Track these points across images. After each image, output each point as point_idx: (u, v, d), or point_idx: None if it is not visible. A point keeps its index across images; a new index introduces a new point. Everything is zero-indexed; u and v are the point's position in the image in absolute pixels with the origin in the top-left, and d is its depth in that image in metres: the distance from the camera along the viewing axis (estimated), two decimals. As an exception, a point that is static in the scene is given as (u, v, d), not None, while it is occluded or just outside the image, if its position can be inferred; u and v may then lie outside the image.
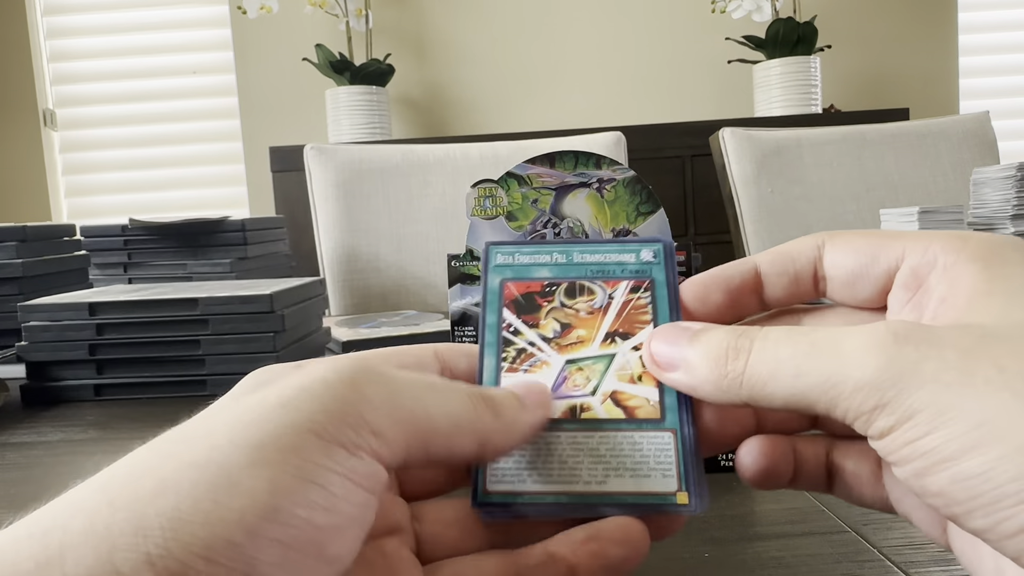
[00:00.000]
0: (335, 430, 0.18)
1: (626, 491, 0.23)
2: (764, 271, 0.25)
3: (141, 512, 0.16)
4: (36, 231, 0.90)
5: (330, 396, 0.19)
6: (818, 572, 0.29)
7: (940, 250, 0.22)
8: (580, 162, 0.40)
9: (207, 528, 0.16)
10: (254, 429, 0.18)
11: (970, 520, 0.18)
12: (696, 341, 0.23)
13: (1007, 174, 1.05)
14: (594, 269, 0.26)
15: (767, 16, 2.11)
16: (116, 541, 0.16)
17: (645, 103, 2.37)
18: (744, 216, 1.41)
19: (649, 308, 0.25)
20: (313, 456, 0.18)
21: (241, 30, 2.35)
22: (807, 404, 0.21)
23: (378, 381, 0.20)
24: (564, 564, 0.22)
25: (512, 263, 0.26)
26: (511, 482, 0.23)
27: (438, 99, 2.38)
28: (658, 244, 0.26)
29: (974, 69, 2.41)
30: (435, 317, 0.91)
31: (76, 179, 2.44)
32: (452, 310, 0.45)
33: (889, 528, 0.33)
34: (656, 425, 0.23)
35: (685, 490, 0.22)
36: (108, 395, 0.67)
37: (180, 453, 0.18)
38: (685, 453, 0.23)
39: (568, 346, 0.25)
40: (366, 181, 1.34)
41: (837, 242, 0.24)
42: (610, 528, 0.22)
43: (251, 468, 0.17)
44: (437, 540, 0.24)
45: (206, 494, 0.16)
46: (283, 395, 0.19)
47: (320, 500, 0.17)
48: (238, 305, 0.66)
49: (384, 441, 0.19)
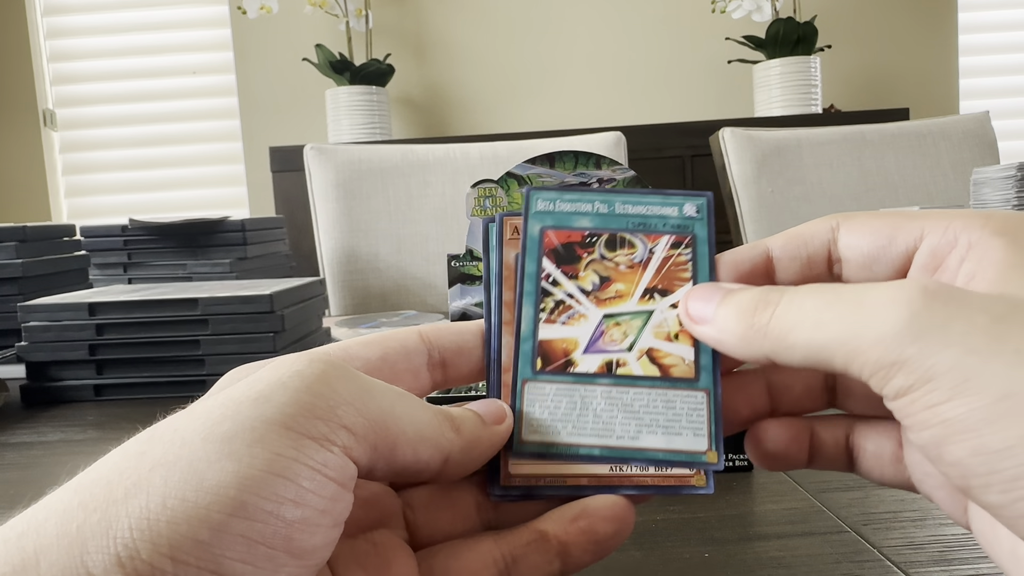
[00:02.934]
0: (306, 422, 0.18)
1: (657, 447, 0.23)
2: (776, 255, 0.25)
3: (112, 514, 0.16)
4: (36, 231, 0.90)
5: (302, 389, 0.19)
6: (818, 572, 0.29)
7: (961, 228, 0.21)
8: (580, 162, 0.40)
9: (172, 527, 0.16)
10: (226, 424, 0.18)
11: (986, 494, 0.17)
12: (729, 298, 0.23)
13: (1007, 174, 1.05)
14: (635, 221, 0.25)
15: (767, 16, 2.11)
16: (87, 543, 0.16)
17: (645, 103, 2.37)
18: (744, 216, 1.41)
19: (689, 266, 0.25)
20: (282, 449, 0.18)
21: (241, 30, 2.35)
22: (826, 358, 0.20)
23: (350, 378, 0.20)
24: (556, 541, 0.22)
25: (553, 210, 0.26)
26: (546, 432, 0.23)
27: (438, 99, 2.38)
28: (702, 198, 0.26)
29: (974, 69, 2.41)
30: (435, 317, 0.91)
31: (76, 179, 2.43)
32: (452, 310, 0.45)
33: (889, 528, 0.33)
34: (690, 384, 0.23)
35: (715, 449, 0.23)
36: (108, 395, 0.67)
37: (151, 452, 0.18)
38: (717, 413, 0.23)
39: (606, 300, 0.25)
40: (366, 181, 1.34)
41: (852, 224, 0.24)
42: (598, 505, 0.22)
43: (219, 463, 0.17)
44: (429, 525, 0.24)
45: (174, 492, 0.16)
46: (254, 388, 0.19)
47: (288, 494, 0.17)
48: (238, 305, 0.66)
49: (355, 438, 0.19)
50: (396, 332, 0.24)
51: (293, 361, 0.20)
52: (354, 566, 0.21)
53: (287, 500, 0.17)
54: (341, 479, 0.18)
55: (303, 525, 0.17)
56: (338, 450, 0.18)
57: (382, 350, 0.23)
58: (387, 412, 0.20)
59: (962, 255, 0.21)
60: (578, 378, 0.24)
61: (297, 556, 0.17)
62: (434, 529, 0.24)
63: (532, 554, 0.22)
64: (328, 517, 0.18)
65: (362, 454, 0.19)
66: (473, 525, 0.24)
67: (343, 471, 0.19)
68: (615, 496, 0.23)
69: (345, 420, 0.19)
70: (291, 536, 0.17)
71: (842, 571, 0.29)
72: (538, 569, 0.22)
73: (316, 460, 0.18)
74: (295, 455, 0.18)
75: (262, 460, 0.17)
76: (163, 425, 0.19)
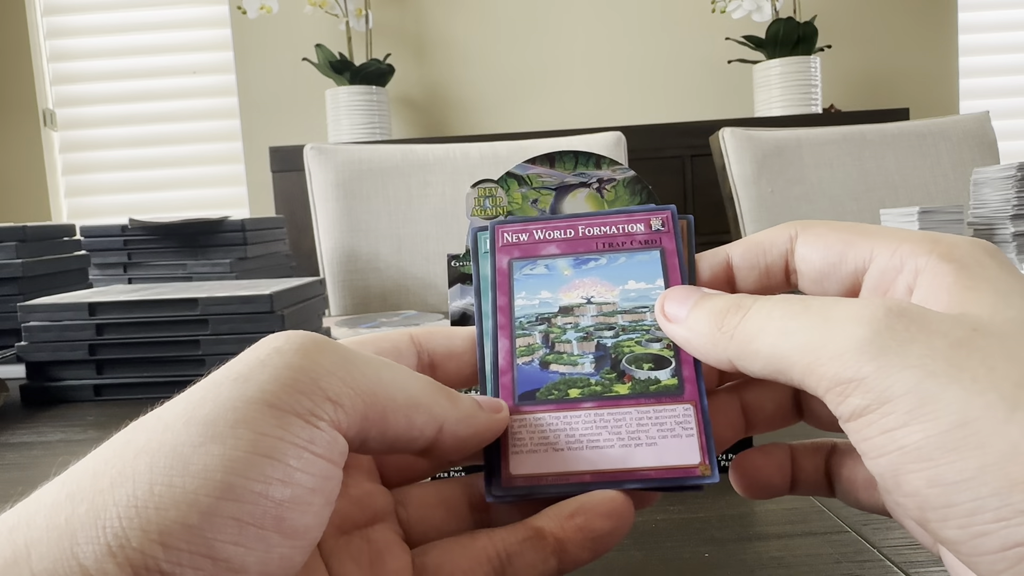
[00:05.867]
0: (289, 399, 0.18)
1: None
2: (736, 263, 0.25)
3: (100, 503, 0.16)
4: (36, 231, 0.90)
5: (283, 365, 0.19)
6: (818, 572, 0.29)
7: (908, 253, 0.21)
8: (580, 162, 0.40)
9: (161, 513, 0.16)
10: (207, 406, 0.18)
11: (944, 529, 0.17)
12: (703, 301, 0.23)
13: (1007, 174, 1.05)
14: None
15: (767, 16, 2.11)
16: (76, 534, 0.16)
17: (645, 103, 2.37)
18: (744, 216, 1.41)
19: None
20: (266, 428, 0.17)
21: (241, 30, 2.35)
22: (786, 368, 0.20)
23: (332, 349, 0.20)
24: (552, 538, 0.22)
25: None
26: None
27: (438, 99, 2.38)
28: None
29: (974, 69, 2.41)
30: (435, 317, 0.91)
31: (76, 179, 2.43)
32: (452, 310, 0.45)
33: (889, 528, 0.33)
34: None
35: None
36: (108, 395, 0.67)
37: (135, 440, 0.17)
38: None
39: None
40: (366, 181, 1.34)
41: (809, 235, 0.24)
42: (596, 501, 0.22)
43: (203, 446, 0.17)
44: (423, 523, 0.24)
45: (161, 478, 0.16)
46: (234, 369, 0.19)
47: (276, 474, 0.17)
48: (238, 305, 0.66)
49: (342, 410, 0.19)
50: (388, 334, 0.24)
51: (272, 339, 0.20)
52: (347, 561, 0.21)
53: (275, 480, 0.17)
54: (330, 455, 0.18)
55: (293, 504, 0.17)
56: (325, 425, 0.18)
57: (374, 349, 0.24)
58: (373, 380, 0.20)
59: (909, 281, 0.21)
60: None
61: (289, 536, 0.17)
62: (428, 527, 0.23)
63: (528, 551, 0.22)
64: (319, 495, 0.18)
65: (351, 425, 0.19)
66: (467, 524, 0.24)
67: (331, 447, 0.18)
68: (613, 492, 0.22)
69: (330, 392, 0.19)
70: (281, 516, 0.17)
71: (842, 571, 0.29)
72: (534, 567, 0.22)
73: (302, 438, 0.18)
74: (280, 434, 0.17)
75: (246, 441, 0.17)
76: (148, 416, 0.19)
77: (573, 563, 0.22)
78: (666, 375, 0.24)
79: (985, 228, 1.07)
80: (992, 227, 1.07)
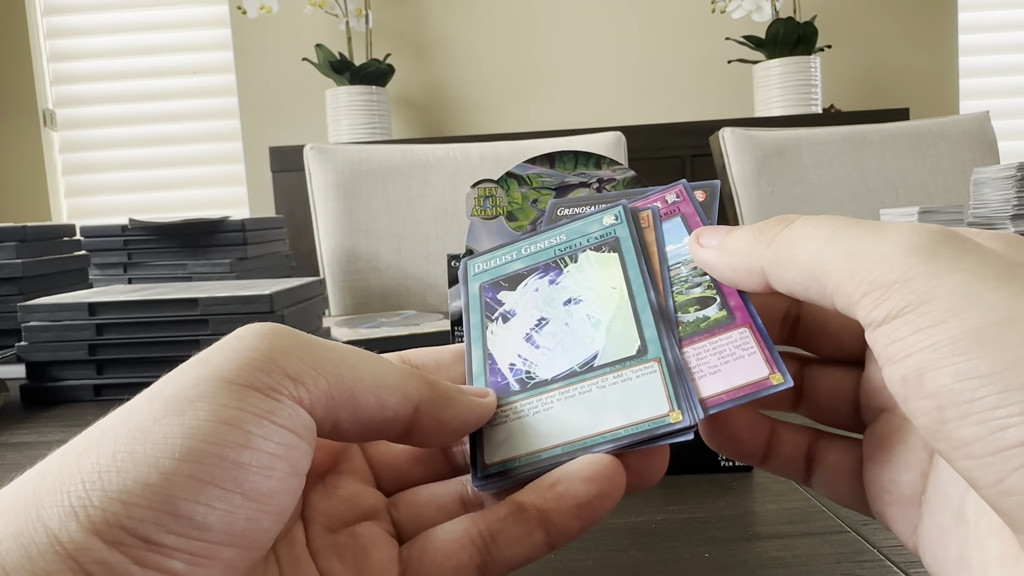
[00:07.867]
0: (247, 375, 0.19)
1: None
2: None
3: (66, 474, 0.17)
4: (36, 231, 0.90)
5: (241, 348, 0.19)
6: (818, 572, 0.29)
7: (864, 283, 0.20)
8: (580, 162, 0.40)
9: (122, 475, 0.17)
10: (169, 387, 0.19)
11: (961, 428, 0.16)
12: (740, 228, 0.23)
13: (1007, 174, 1.05)
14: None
15: (767, 16, 2.11)
16: (43, 501, 0.16)
17: (645, 103, 2.37)
18: (744, 216, 1.41)
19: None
20: (225, 400, 0.18)
21: (241, 30, 2.35)
22: (824, 274, 0.19)
23: (292, 334, 0.20)
24: (535, 511, 0.21)
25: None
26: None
27: (438, 99, 2.38)
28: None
29: (974, 69, 2.41)
30: (435, 317, 0.91)
31: (76, 179, 2.43)
32: (452, 310, 0.45)
33: (889, 528, 0.33)
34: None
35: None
36: (108, 395, 0.67)
37: (103, 423, 0.18)
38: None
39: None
40: (366, 181, 1.34)
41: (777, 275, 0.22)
42: (576, 467, 0.21)
43: (164, 418, 0.18)
44: (415, 521, 0.24)
45: (124, 447, 0.17)
46: (196, 356, 0.20)
47: (234, 438, 0.18)
48: (238, 305, 0.66)
49: (303, 387, 0.19)
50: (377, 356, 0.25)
51: (236, 330, 0.20)
52: (332, 557, 0.22)
53: (233, 443, 0.18)
54: (293, 427, 0.19)
55: (254, 467, 0.18)
56: (285, 399, 0.19)
57: None
58: (337, 361, 0.20)
59: None
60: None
61: (252, 499, 0.18)
62: (420, 525, 0.24)
63: (511, 527, 0.21)
64: (281, 461, 0.18)
65: (315, 403, 0.19)
66: (458, 515, 0.24)
67: (293, 419, 0.19)
68: (597, 456, 0.22)
69: (288, 370, 0.19)
70: (242, 477, 0.17)
71: (842, 571, 0.29)
72: (519, 541, 0.21)
73: (261, 408, 0.18)
74: (240, 404, 0.18)
75: (205, 411, 0.18)
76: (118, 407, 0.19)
77: (562, 534, 0.21)
78: (714, 311, 0.24)
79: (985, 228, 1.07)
80: (992, 227, 1.07)
